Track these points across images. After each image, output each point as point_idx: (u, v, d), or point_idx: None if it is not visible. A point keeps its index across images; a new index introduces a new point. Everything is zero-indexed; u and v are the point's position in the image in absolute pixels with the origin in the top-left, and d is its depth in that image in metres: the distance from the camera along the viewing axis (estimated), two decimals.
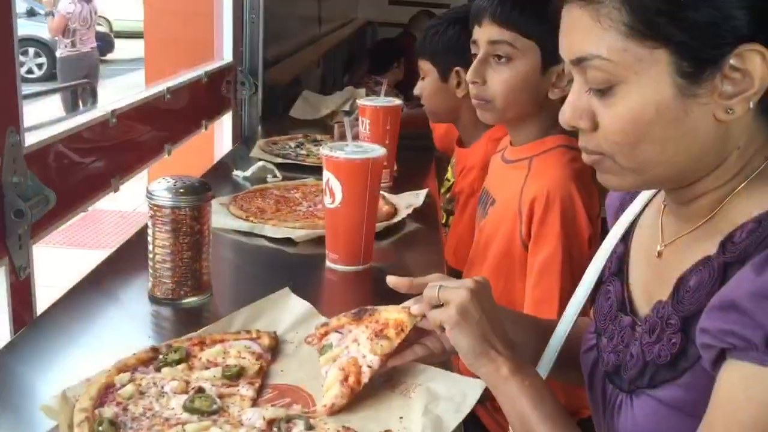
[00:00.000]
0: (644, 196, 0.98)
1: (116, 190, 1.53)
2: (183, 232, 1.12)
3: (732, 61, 0.73)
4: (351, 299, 1.26)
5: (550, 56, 1.39)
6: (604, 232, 1.07)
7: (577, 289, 1.02)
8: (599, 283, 0.99)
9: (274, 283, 1.17)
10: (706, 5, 0.71)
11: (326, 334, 0.98)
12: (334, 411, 0.87)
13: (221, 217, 1.49)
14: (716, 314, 0.70)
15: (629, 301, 0.90)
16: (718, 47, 0.73)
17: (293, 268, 1.33)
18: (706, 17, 0.72)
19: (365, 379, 0.90)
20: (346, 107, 2.61)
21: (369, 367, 0.91)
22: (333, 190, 1.28)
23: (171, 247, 1.13)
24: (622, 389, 0.86)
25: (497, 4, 1.38)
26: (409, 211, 1.62)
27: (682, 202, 0.85)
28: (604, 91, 0.77)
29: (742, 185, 0.79)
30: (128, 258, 1.34)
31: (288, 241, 1.43)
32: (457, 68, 1.86)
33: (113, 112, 1.49)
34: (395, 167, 1.91)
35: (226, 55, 2.40)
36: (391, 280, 0.97)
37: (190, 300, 1.15)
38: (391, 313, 0.95)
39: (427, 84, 1.96)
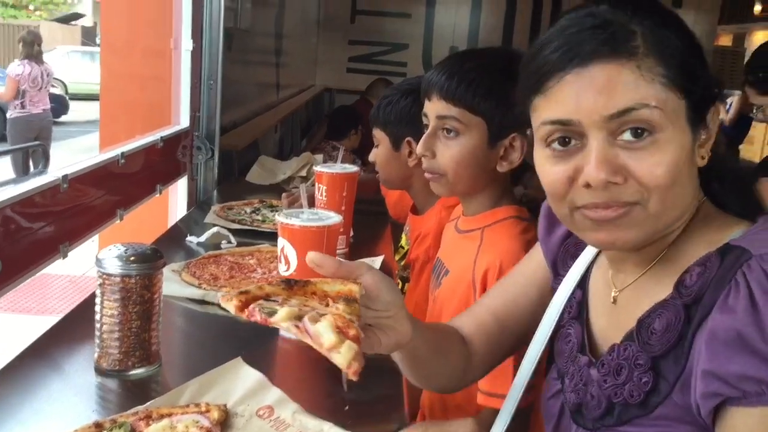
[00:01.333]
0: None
1: (65, 256, 1.49)
2: (133, 300, 1.10)
3: (708, 116, 0.85)
4: (306, 369, 1.24)
5: (496, 131, 1.42)
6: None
7: (536, 333, 1.04)
8: (558, 327, 1.02)
9: (227, 353, 1.15)
10: (706, 66, 0.85)
11: (247, 303, 0.80)
12: (360, 371, 0.74)
13: (173, 284, 1.46)
14: (732, 356, 0.74)
15: (588, 343, 0.95)
16: (707, 100, 0.85)
17: (246, 338, 1.30)
18: (707, 76, 0.84)
19: (361, 333, 0.77)
20: (303, 173, 2.62)
21: (352, 321, 0.78)
22: (288, 257, 1.27)
23: (120, 317, 1.10)
24: (587, 428, 0.90)
25: (445, 80, 1.41)
26: None
27: (637, 250, 0.90)
28: (640, 141, 0.81)
29: (681, 230, 0.87)
30: (76, 326, 1.30)
31: None
32: (408, 138, 1.90)
33: (65, 177, 1.47)
34: (351, 233, 1.91)
35: (183, 120, 2.40)
36: (314, 257, 0.86)
37: (138, 371, 1.12)
38: (331, 285, 0.82)
39: (380, 152, 2.00)
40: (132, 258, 1.10)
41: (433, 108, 1.46)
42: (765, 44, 2.83)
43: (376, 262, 1.72)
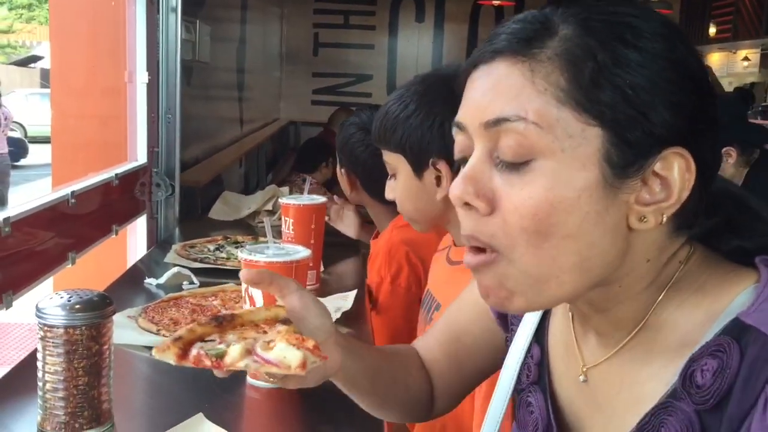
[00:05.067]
0: None
1: (8, 306, 1.36)
2: (78, 354, 0.98)
3: (656, 165, 0.66)
4: (277, 420, 1.13)
5: (415, 161, 1.37)
6: None
7: (493, 398, 0.90)
8: (518, 389, 0.87)
9: (188, 406, 1.04)
10: (642, 91, 0.65)
11: (186, 349, 0.75)
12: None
13: (128, 331, 1.34)
14: None
15: (555, 420, 0.80)
16: (648, 141, 0.65)
17: (209, 388, 1.19)
18: (641, 103, 0.65)
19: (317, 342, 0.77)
20: (269, 206, 2.52)
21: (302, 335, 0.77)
22: (254, 297, 1.16)
23: (64, 373, 0.97)
24: None
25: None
26: (338, 315, 1.51)
27: (592, 312, 0.75)
28: (517, 165, 0.66)
29: (663, 294, 0.70)
30: (22, 382, 1.17)
31: None
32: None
33: (6, 220, 1.35)
34: (321, 268, 1.81)
35: (140, 157, 2.29)
36: (248, 275, 0.83)
37: None
38: (257, 314, 0.80)
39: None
40: (77, 306, 0.98)
41: None
42: None
43: (349, 297, 1.62)
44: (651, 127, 0.65)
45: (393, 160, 1.40)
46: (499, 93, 0.67)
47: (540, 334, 0.86)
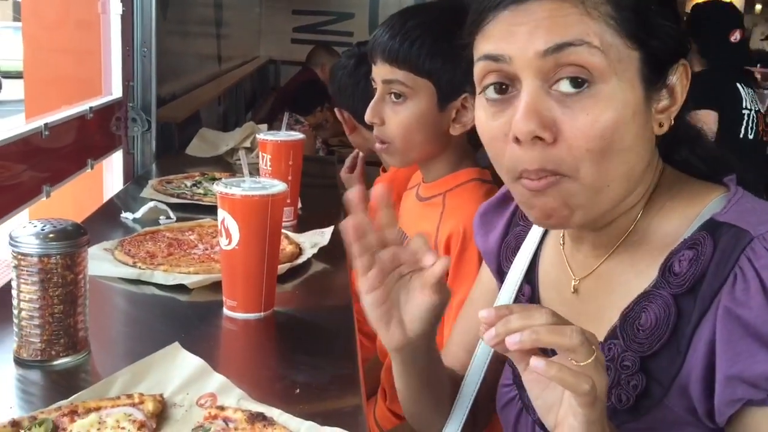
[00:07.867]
0: (536, 232, 0.92)
1: None
2: (53, 283, 0.98)
3: (672, 75, 0.74)
4: (251, 351, 1.14)
5: (445, 92, 1.32)
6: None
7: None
8: None
9: (165, 337, 1.05)
10: (671, 14, 0.72)
11: (216, 417, 0.85)
12: None
13: (104, 264, 1.34)
14: (754, 356, 0.65)
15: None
16: (673, 57, 0.74)
17: (186, 319, 1.20)
18: (669, 26, 0.72)
19: None
20: (247, 143, 2.50)
21: None
22: (229, 230, 1.17)
23: (39, 301, 0.98)
24: None
25: (387, 42, 1.32)
26: (315, 250, 1.52)
27: (588, 232, 0.81)
28: (574, 94, 0.70)
29: (643, 204, 0.79)
30: None
31: (181, 288, 1.29)
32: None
33: None
34: (299, 205, 1.81)
35: (115, 91, 2.25)
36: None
37: (63, 361, 1.00)
38: None
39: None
40: (51, 235, 0.98)
41: (379, 72, 1.37)
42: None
43: (326, 233, 1.62)
44: (674, 43, 0.73)
45: (413, 83, 1.32)
46: (556, 23, 0.70)
47: (530, 276, 0.90)
